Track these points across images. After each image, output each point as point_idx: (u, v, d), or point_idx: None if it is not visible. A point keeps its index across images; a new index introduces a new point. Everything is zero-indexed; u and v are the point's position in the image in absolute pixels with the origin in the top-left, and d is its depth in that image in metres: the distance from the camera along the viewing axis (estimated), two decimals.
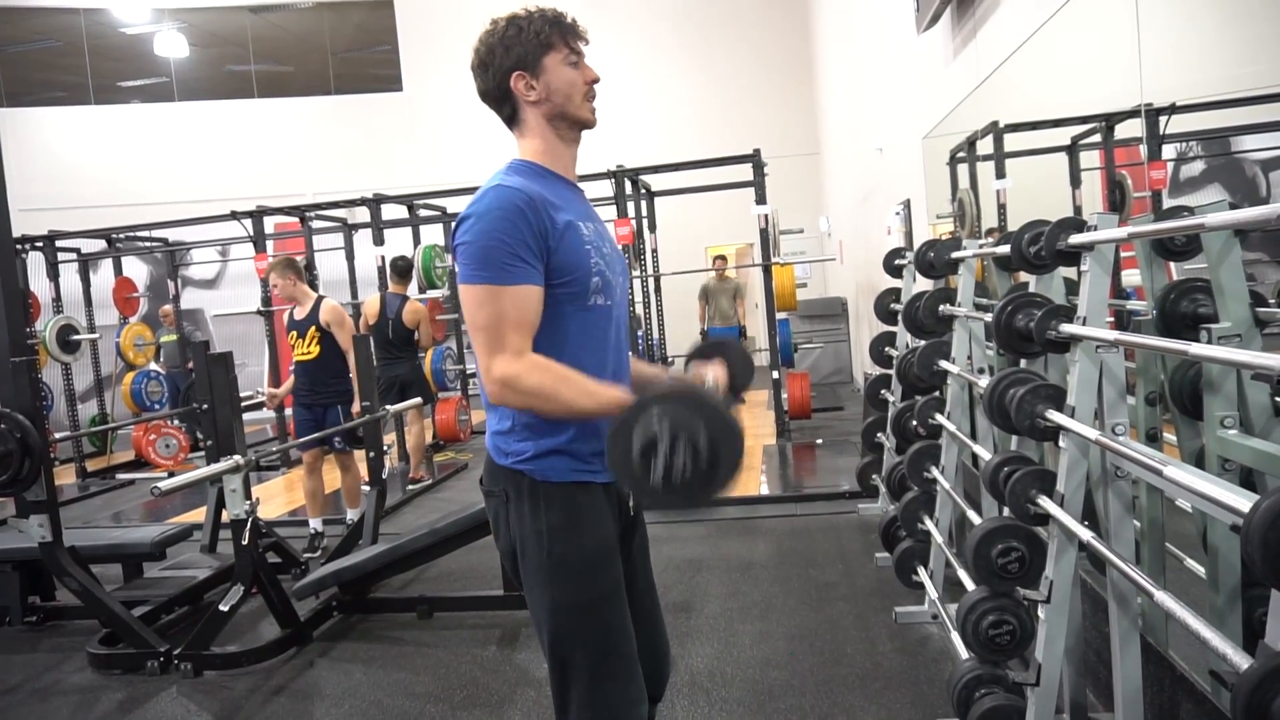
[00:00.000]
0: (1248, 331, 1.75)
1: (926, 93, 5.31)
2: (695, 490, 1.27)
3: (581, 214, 1.54)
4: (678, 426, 1.26)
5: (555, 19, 1.53)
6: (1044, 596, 1.92)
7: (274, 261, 4.73)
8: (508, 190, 1.43)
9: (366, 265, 7.58)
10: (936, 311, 3.29)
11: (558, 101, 1.52)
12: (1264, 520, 1.03)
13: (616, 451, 1.29)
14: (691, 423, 1.26)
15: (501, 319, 1.40)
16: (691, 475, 1.26)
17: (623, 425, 1.29)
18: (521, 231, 1.41)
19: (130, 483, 7.45)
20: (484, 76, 1.54)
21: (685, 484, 1.26)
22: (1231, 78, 2.43)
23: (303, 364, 4.71)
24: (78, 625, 3.83)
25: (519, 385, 1.39)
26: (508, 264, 1.40)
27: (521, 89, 1.52)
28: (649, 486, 1.28)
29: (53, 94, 12.65)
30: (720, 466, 1.27)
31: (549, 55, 1.51)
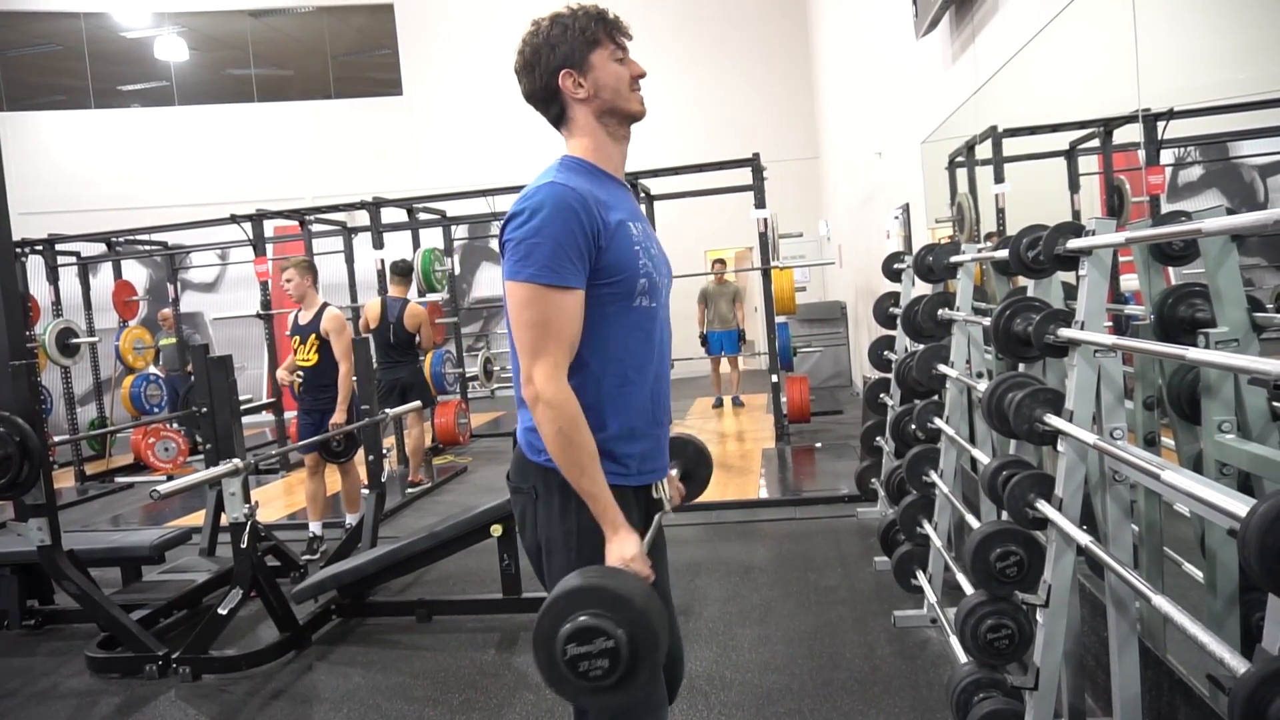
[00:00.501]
0: (1245, 336, 1.76)
1: (925, 97, 5.32)
2: (606, 692, 1.26)
3: (631, 213, 1.53)
4: (601, 632, 1.23)
5: (600, 15, 1.52)
6: (1042, 600, 1.92)
7: (297, 259, 4.77)
8: (562, 188, 1.42)
9: (366, 268, 7.59)
10: (935, 316, 3.29)
11: (607, 97, 1.52)
12: (1260, 524, 1.04)
13: (541, 637, 1.27)
14: (615, 629, 1.23)
15: (547, 324, 1.40)
16: (605, 680, 1.24)
17: (550, 617, 1.27)
18: (574, 232, 1.40)
19: (129, 486, 7.45)
20: (530, 77, 1.53)
21: (598, 687, 1.25)
22: (1229, 82, 2.43)
23: (304, 370, 4.76)
24: (76, 629, 3.83)
25: (553, 408, 1.39)
26: (559, 265, 1.39)
27: (570, 87, 1.51)
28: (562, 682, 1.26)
29: (53, 98, 12.66)
30: (638, 673, 1.25)
31: (595, 52, 1.50)
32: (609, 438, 1.49)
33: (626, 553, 1.41)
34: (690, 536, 4.61)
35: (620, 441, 1.50)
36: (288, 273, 4.69)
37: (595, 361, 1.48)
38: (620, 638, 1.22)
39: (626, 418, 1.51)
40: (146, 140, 12.49)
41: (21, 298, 6.54)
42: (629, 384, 1.51)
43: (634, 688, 1.26)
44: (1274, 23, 2.23)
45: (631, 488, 1.54)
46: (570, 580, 1.29)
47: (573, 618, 1.24)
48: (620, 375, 1.50)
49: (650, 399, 1.55)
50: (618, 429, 1.50)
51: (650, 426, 1.56)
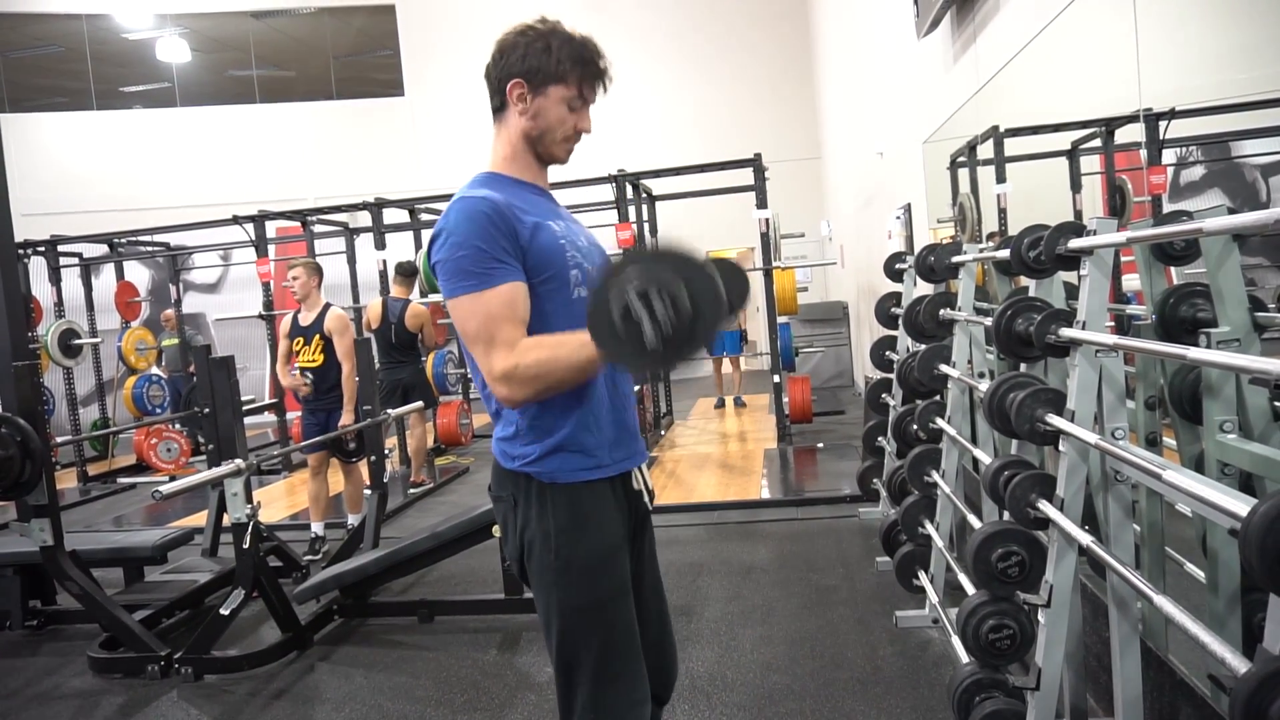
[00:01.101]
0: (1246, 336, 1.75)
1: (927, 97, 5.32)
2: (684, 342, 1.24)
3: (548, 214, 1.54)
4: (652, 281, 1.23)
5: (585, 59, 1.51)
6: (1044, 601, 1.92)
7: (305, 259, 4.79)
8: (472, 200, 1.45)
9: (368, 269, 7.60)
10: (937, 316, 3.29)
11: (539, 127, 1.54)
12: (1261, 524, 1.03)
13: (599, 322, 1.26)
14: (665, 274, 1.23)
15: (491, 320, 1.41)
16: (677, 326, 1.23)
17: (600, 294, 1.26)
18: (492, 235, 1.42)
19: (131, 487, 7.46)
20: (495, 64, 1.55)
21: (674, 337, 1.23)
22: (1231, 82, 2.43)
23: (306, 370, 4.76)
24: (78, 629, 3.84)
25: (521, 372, 1.39)
26: (487, 269, 1.41)
27: (514, 98, 1.53)
28: (640, 350, 1.24)
29: (55, 99, 12.68)
30: (703, 312, 1.24)
31: (555, 86, 1.51)
32: (573, 431, 1.49)
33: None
34: (692, 537, 4.61)
35: (585, 432, 1.50)
36: (295, 270, 4.69)
37: None
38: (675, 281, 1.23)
39: (586, 408, 1.51)
40: (148, 141, 12.51)
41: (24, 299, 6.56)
42: None
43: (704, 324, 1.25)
44: (1276, 22, 2.23)
45: (608, 480, 1.53)
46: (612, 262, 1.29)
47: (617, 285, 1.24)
48: None
49: (608, 385, 1.55)
50: (579, 421, 1.50)
51: (614, 413, 1.56)
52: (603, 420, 1.53)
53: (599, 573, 1.50)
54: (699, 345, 1.28)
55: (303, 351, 4.74)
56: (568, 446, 1.49)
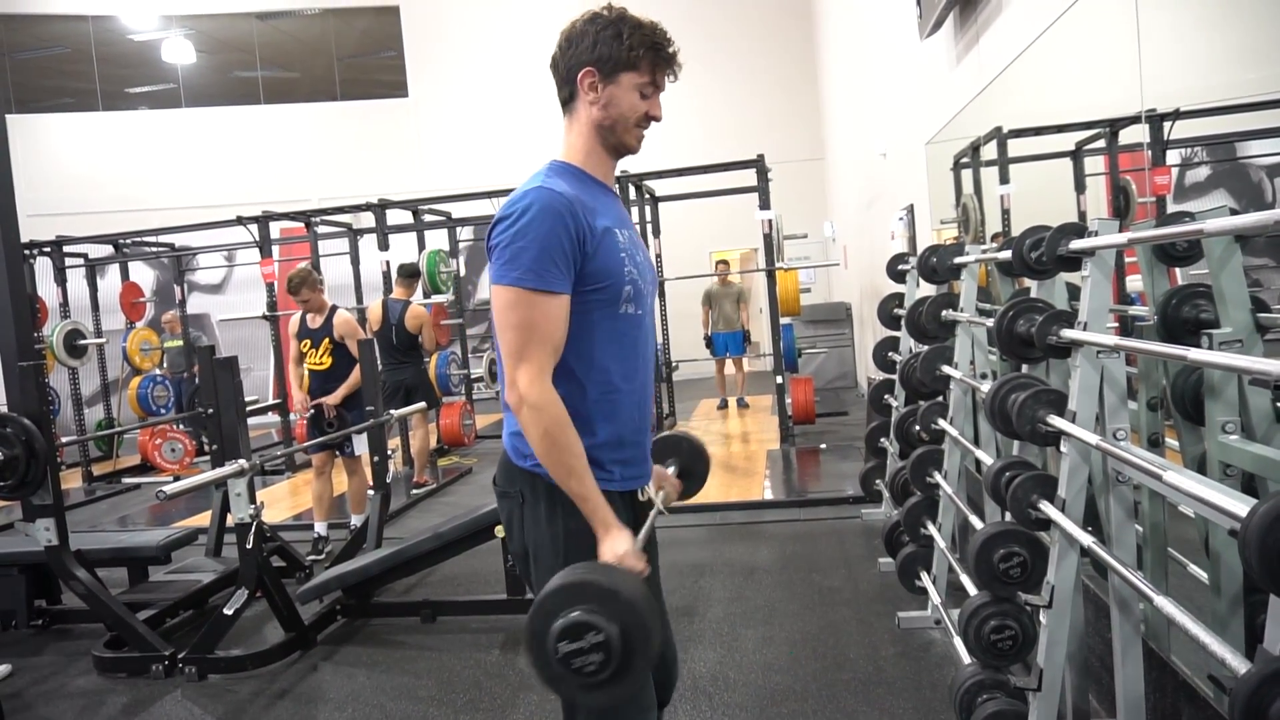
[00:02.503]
0: (1249, 337, 1.75)
1: (930, 98, 5.32)
2: (601, 687, 1.25)
3: (618, 220, 1.53)
4: (591, 628, 1.23)
5: (656, 45, 1.49)
6: (1046, 602, 1.92)
7: (302, 276, 4.69)
8: (550, 193, 1.41)
9: (371, 270, 7.61)
10: (939, 317, 3.29)
11: (611, 117, 1.50)
12: (1261, 525, 1.04)
13: (534, 634, 1.26)
14: (608, 625, 1.22)
15: (532, 328, 1.39)
16: (599, 674, 1.23)
17: (541, 615, 1.26)
18: (560, 236, 1.39)
19: (136, 487, 7.48)
20: (563, 54, 1.52)
21: (592, 682, 1.24)
22: (1237, 82, 2.43)
23: (315, 373, 4.78)
24: (83, 629, 3.85)
25: (536, 412, 1.39)
26: (544, 269, 1.39)
27: (586, 86, 1.50)
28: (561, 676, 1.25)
29: (61, 100, 12.73)
30: (633, 666, 1.24)
31: (628, 73, 1.48)
32: (597, 445, 1.49)
33: (619, 549, 1.40)
34: (694, 538, 4.61)
35: (607, 449, 1.50)
36: (302, 293, 4.66)
37: (582, 369, 1.48)
38: (612, 632, 1.22)
39: (614, 426, 1.51)
40: (153, 142, 12.55)
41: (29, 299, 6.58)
42: (616, 391, 1.51)
43: (629, 682, 1.25)
44: (1278, 24, 2.23)
45: (617, 493, 1.53)
46: (559, 578, 1.28)
47: (564, 614, 1.23)
48: (607, 383, 1.50)
49: (637, 407, 1.56)
50: (605, 437, 1.50)
51: (636, 434, 1.56)
52: (625, 440, 1.54)
53: None
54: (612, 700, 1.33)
55: (310, 354, 4.76)
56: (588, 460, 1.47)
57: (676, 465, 1.87)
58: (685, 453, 1.90)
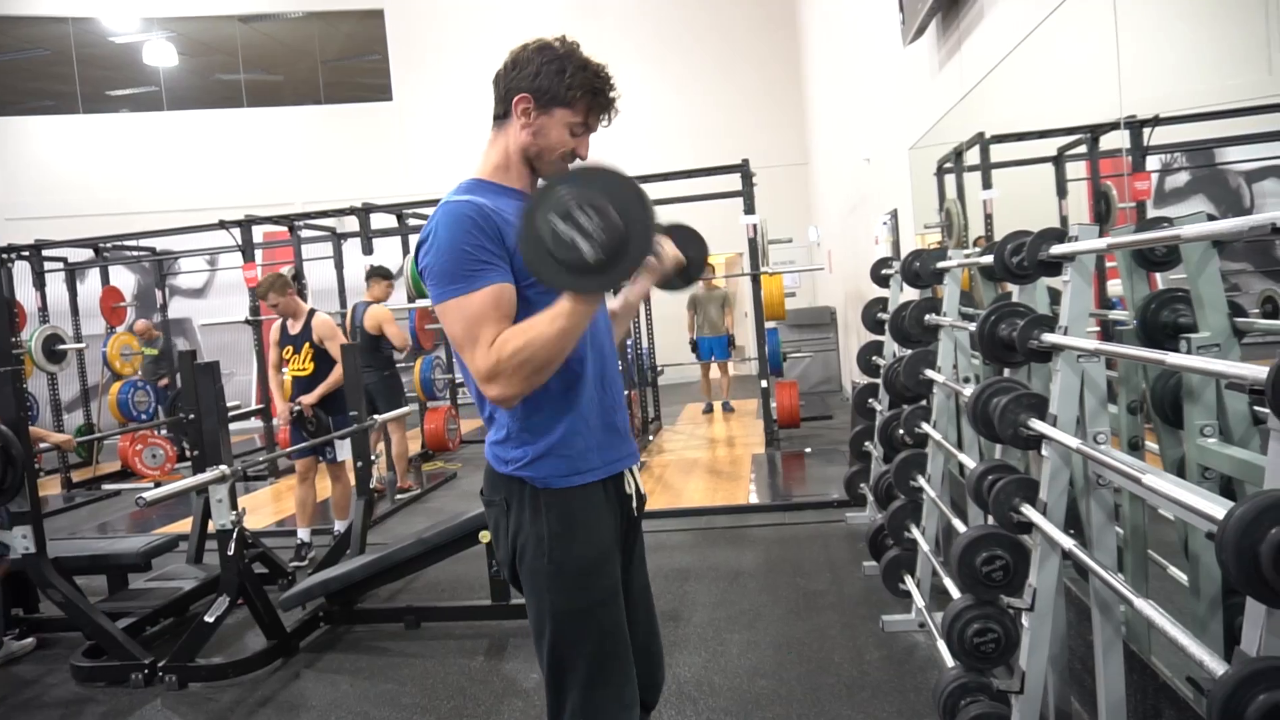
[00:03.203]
0: (1226, 341, 1.77)
1: (913, 104, 5.35)
2: (619, 251, 1.26)
3: None
4: (575, 199, 1.25)
5: (595, 89, 1.52)
6: (1028, 604, 1.93)
7: (269, 281, 4.65)
8: (456, 204, 1.45)
9: (355, 274, 7.57)
10: (922, 321, 3.30)
11: (537, 146, 1.53)
12: (1237, 527, 1.05)
13: (534, 254, 1.27)
14: (591, 192, 1.25)
15: (475, 322, 1.41)
16: (608, 237, 1.25)
17: (528, 223, 1.27)
18: (477, 238, 1.42)
19: (116, 493, 7.40)
20: (505, 74, 1.54)
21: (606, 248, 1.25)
22: (1214, 89, 2.46)
23: (298, 379, 4.73)
24: (61, 637, 3.80)
25: (504, 365, 1.38)
26: (471, 271, 1.41)
27: (519, 112, 1.52)
28: (578, 268, 1.26)
29: (41, 103, 12.60)
30: (631, 221, 1.26)
31: (561, 109, 1.51)
32: (564, 434, 1.50)
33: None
34: (679, 542, 4.61)
35: (575, 435, 1.51)
36: (270, 298, 4.62)
37: None
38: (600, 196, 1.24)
39: (578, 412, 1.52)
40: (135, 145, 12.45)
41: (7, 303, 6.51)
42: (573, 375, 1.52)
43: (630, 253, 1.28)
44: (1257, 30, 2.26)
45: (600, 484, 1.54)
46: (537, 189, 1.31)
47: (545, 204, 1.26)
48: (564, 372, 1.49)
49: (598, 387, 1.56)
50: (569, 425, 1.51)
51: (604, 414, 1.57)
52: (592, 422, 1.54)
53: (591, 577, 1.51)
54: (635, 254, 1.31)
55: (293, 360, 4.71)
56: (559, 450, 1.50)
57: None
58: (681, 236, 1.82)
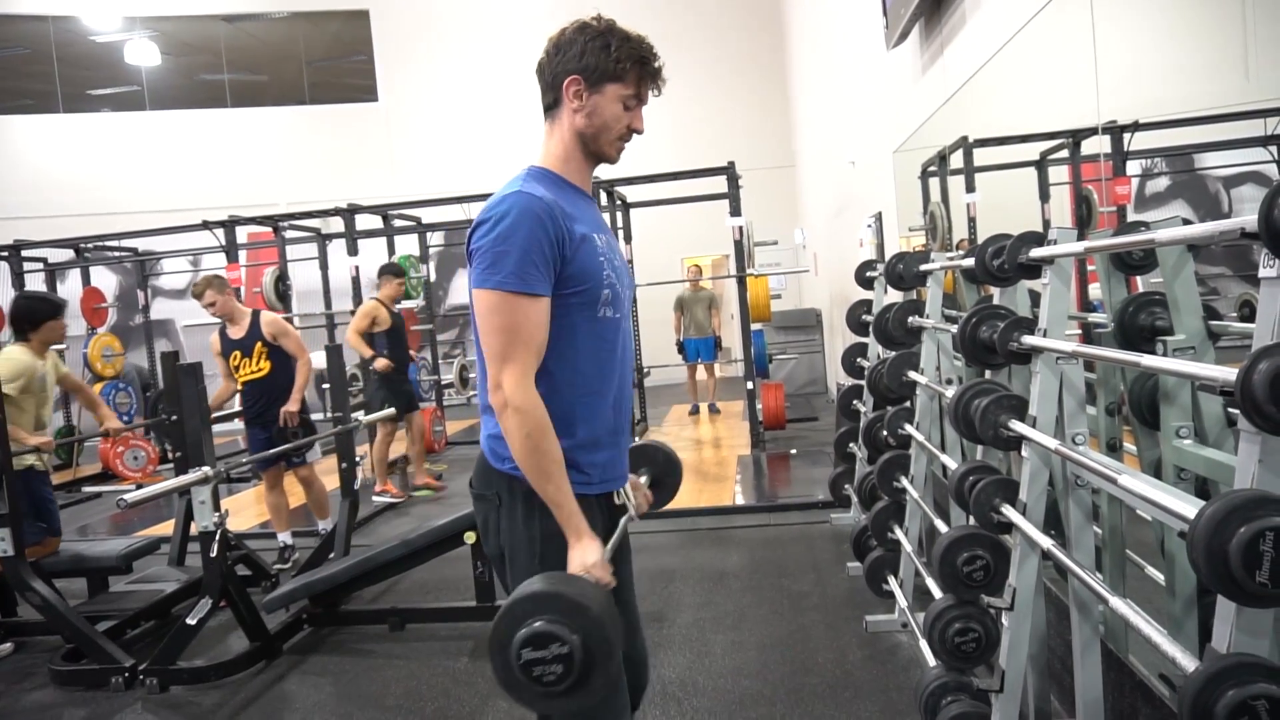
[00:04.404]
0: (1201, 344, 1.80)
1: (897, 108, 5.39)
2: (559, 697, 1.27)
3: (595, 226, 1.55)
4: (553, 638, 1.25)
5: (643, 58, 1.51)
6: (1008, 604, 1.95)
7: (207, 279, 4.48)
8: (528, 197, 1.43)
9: (340, 276, 7.55)
10: (906, 323, 3.33)
11: (594, 125, 1.52)
12: (1207, 526, 1.06)
13: (498, 639, 1.28)
14: (569, 635, 1.24)
15: (515, 331, 1.41)
16: (558, 685, 1.25)
17: (506, 621, 1.28)
18: (539, 239, 1.41)
19: (97, 496, 7.33)
20: (550, 60, 1.53)
21: (550, 694, 1.26)
22: (1193, 95, 2.49)
23: (253, 383, 4.55)
24: (40, 641, 3.76)
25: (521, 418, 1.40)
26: (525, 272, 1.40)
27: (570, 94, 1.51)
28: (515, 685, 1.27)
29: (21, 101, 12.47)
30: (592, 681, 1.27)
31: (613, 84, 1.50)
32: (574, 446, 1.50)
33: (588, 559, 1.42)
34: (664, 543, 4.62)
35: (584, 450, 1.52)
36: (207, 295, 4.43)
37: (561, 371, 1.49)
38: (575, 643, 1.23)
39: (591, 427, 1.53)
40: (117, 145, 12.34)
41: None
42: (594, 394, 1.53)
43: (587, 693, 1.27)
44: (1236, 37, 2.29)
45: (593, 495, 1.55)
46: (528, 586, 1.29)
47: (528, 623, 1.25)
48: (585, 385, 1.51)
49: (613, 409, 1.57)
50: (583, 438, 1.52)
51: (613, 435, 1.58)
52: (602, 443, 1.55)
53: None
54: (575, 707, 1.32)
55: (243, 365, 4.52)
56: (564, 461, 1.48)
57: (649, 475, 1.88)
58: (659, 463, 1.92)
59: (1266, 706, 1.09)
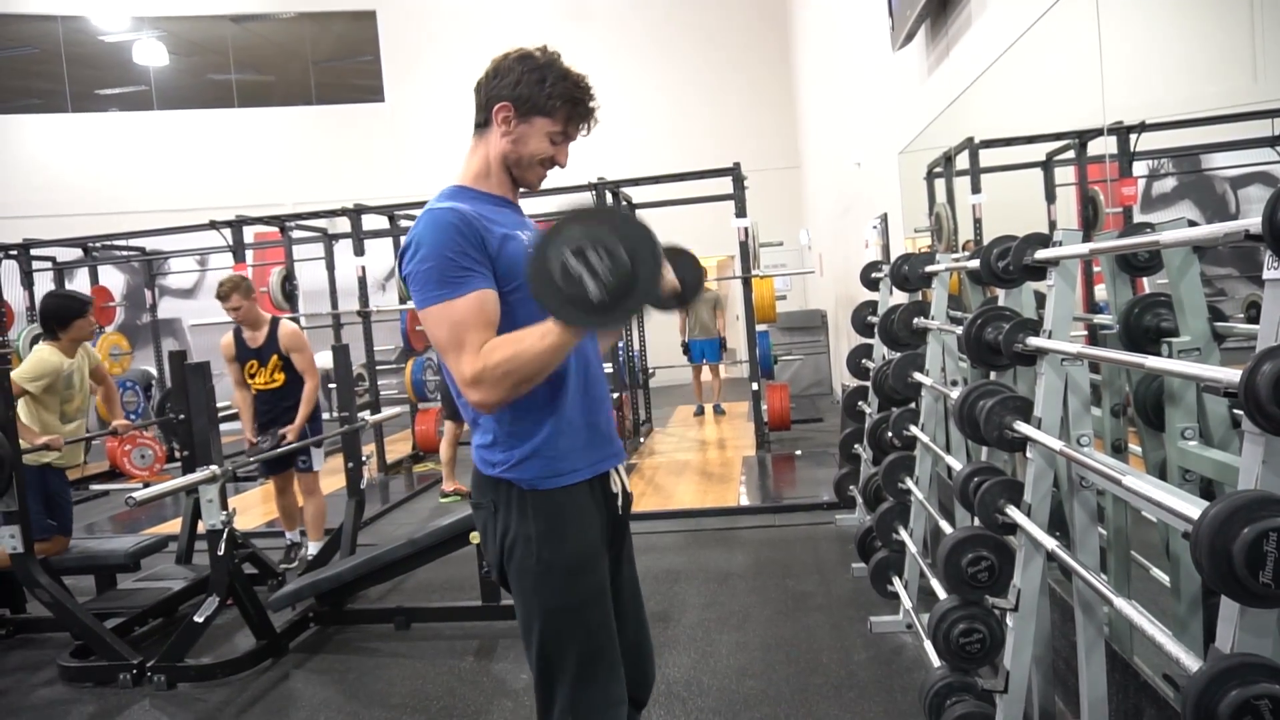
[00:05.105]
0: (1206, 345, 1.80)
1: (903, 108, 5.39)
2: (624, 292, 1.29)
3: (517, 225, 1.58)
4: (588, 237, 1.28)
5: (575, 99, 1.55)
6: (1012, 605, 1.95)
7: (235, 282, 4.32)
8: (439, 211, 1.47)
9: (347, 275, 7.57)
10: (911, 324, 3.33)
11: (518, 152, 1.57)
12: (1211, 527, 1.07)
13: (539, 280, 1.29)
14: (600, 231, 1.28)
15: (459, 327, 1.43)
16: (616, 277, 1.28)
17: (538, 255, 1.30)
18: (460, 244, 1.44)
19: (105, 494, 7.36)
20: (487, 82, 1.57)
21: (613, 287, 1.28)
22: (1198, 96, 2.49)
23: (265, 393, 4.43)
24: (49, 638, 3.78)
25: (489, 373, 1.40)
26: (455, 277, 1.43)
27: (499, 119, 1.56)
28: (581, 301, 1.29)
29: (30, 101, 12.54)
30: (640, 262, 1.29)
31: (541, 118, 1.54)
32: (548, 436, 1.52)
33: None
34: (670, 543, 4.62)
35: (559, 436, 1.53)
36: (233, 299, 4.27)
37: None
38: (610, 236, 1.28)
39: (562, 414, 1.54)
40: (124, 145, 12.39)
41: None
42: (557, 379, 1.53)
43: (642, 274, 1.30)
44: (1244, 37, 2.29)
45: (587, 484, 1.56)
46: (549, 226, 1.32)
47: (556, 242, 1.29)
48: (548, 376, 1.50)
49: (580, 389, 1.58)
50: (553, 427, 1.53)
51: (588, 414, 1.59)
52: (576, 423, 1.56)
53: (578, 576, 1.53)
54: (641, 296, 1.33)
55: (259, 375, 4.38)
56: (543, 452, 1.52)
57: None
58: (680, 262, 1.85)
59: (1270, 706, 1.10)
